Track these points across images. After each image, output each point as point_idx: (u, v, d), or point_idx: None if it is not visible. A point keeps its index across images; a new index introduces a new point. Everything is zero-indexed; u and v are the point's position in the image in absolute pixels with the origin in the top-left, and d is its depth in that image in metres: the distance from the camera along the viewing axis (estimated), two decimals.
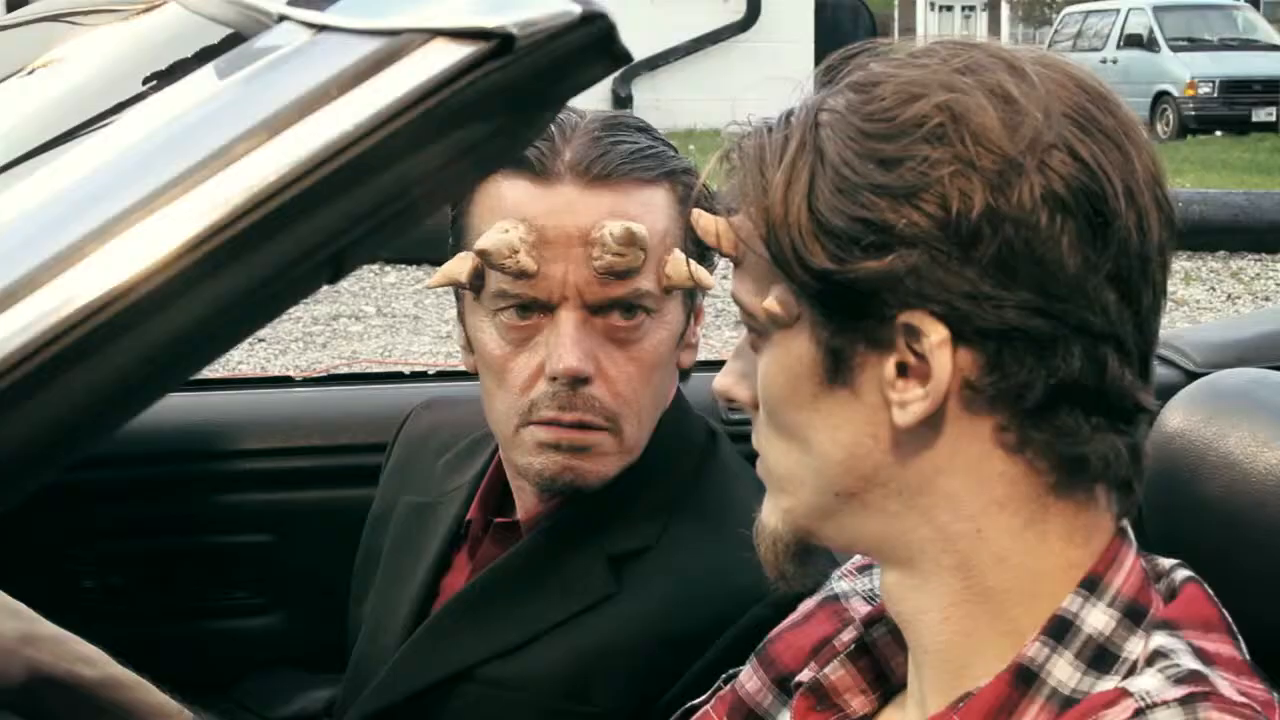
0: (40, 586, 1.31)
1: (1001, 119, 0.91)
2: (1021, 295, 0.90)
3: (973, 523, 0.95)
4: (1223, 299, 8.44)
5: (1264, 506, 1.19)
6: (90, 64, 1.30)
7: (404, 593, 1.57)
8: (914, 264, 0.90)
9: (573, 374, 1.37)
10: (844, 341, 0.94)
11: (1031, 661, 0.93)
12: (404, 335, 7.38)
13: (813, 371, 0.95)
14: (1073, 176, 0.91)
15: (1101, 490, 0.95)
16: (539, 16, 0.83)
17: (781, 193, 0.93)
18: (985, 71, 0.93)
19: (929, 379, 0.91)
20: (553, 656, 1.40)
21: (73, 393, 0.80)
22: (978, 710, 0.93)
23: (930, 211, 0.90)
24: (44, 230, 0.82)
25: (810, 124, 0.94)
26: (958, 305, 0.90)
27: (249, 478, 2.08)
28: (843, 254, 0.91)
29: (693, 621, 1.36)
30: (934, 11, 43.97)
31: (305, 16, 0.90)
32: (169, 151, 0.84)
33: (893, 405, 0.93)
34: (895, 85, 0.93)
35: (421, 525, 1.61)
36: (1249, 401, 1.28)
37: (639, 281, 1.38)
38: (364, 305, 7.94)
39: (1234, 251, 9.50)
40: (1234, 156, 14.89)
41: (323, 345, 7.12)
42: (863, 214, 0.91)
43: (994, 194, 0.89)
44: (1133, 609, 0.94)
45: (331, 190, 0.82)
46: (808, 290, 0.94)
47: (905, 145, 0.91)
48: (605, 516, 1.44)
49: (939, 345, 0.90)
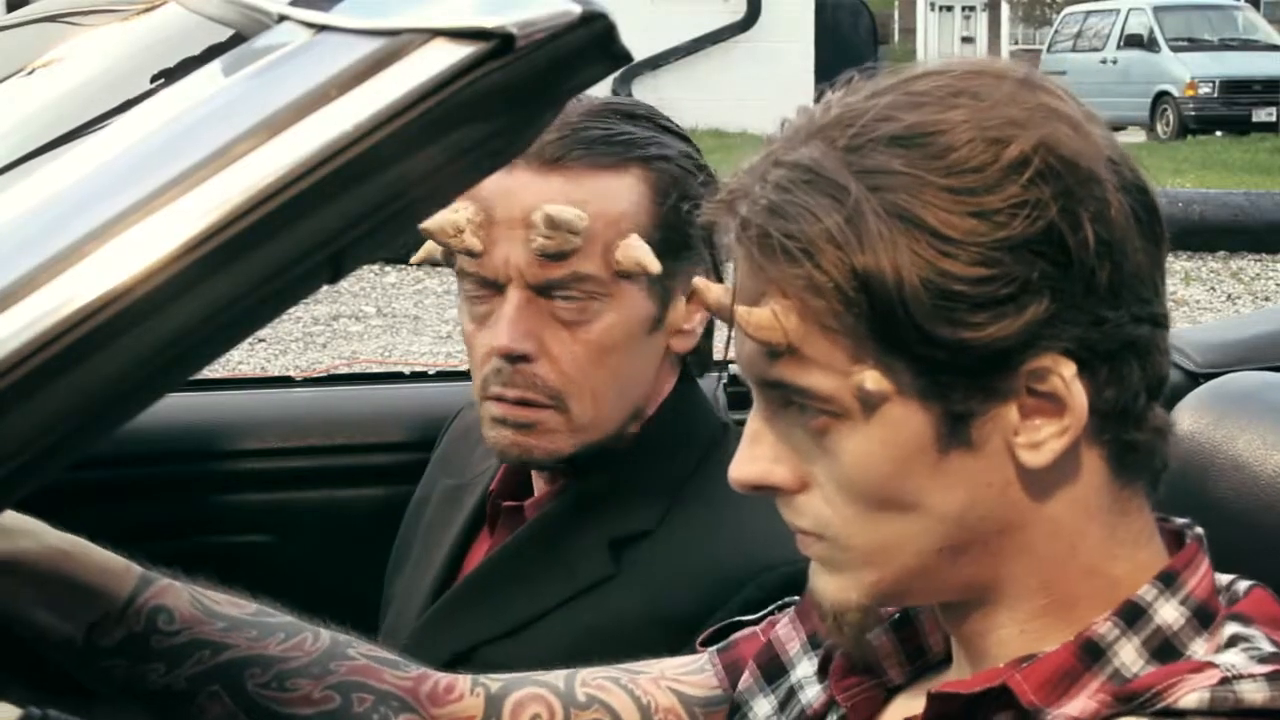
0: None
1: (1080, 142, 0.90)
2: (1130, 309, 0.91)
3: (1068, 542, 0.94)
4: (1223, 299, 8.44)
5: (1273, 509, 1.19)
6: (90, 64, 1.30)
7: (429, 571, 1.60)
8: (1048, 311, 0.88)
9: (505, 351, 1.43)
10: (966, 404, 0.90)
11: (1101, 639, 0.93)
12: (404, 335, 7.38)
13: (928, 442, 0.91)
14: (1130, 182, 0.92)
15: (1143, 489, 0.96)
16: (539, 16, 0.83)
17: (882, 268, 0.87)
18: (1032, 93, 0.91)
19: (1063, 414, 0.90)
20: (550, 637, 1.42)
21: (73, 393, 0.80)
22: (1040, 673, 0.92)
23: (1053, 256, 0.88)
24: (44, 230, 0.82)
25: (863, 191, 0.88)
26: (1084, 336, 0.89)
27: (249, 478, 2.08)
28: (974, 319, 0.88)
29: (685, 603, 1.38)
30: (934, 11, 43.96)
31: (305, 16, 0.89)
32: (169, 151, 0.84)
33: (1019, 450, 0.91)
34: (965, 133, 0.89)
35: (453, 506, 1.64)
36: (1258, 404, 1.28)
37: (576, 264, 1.40)
38: (364, 305, 7.94)
39: (1234, 251, 9.51)
40: (1234, 156, 14.89)
41: (323, 345, 7.12)
42: (986, 273, 0.87)
43: (1096, 223, 0.89)
44: (1202, 611, 0.94)
45: (331, 190, 0.82)
46: (929, 363, 0.89)
47: (1008, 192, 0.88)
48: (607, 501, 1.46)
49: (1072, 379, 0.89)
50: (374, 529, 2.06)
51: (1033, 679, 0.92)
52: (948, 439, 0.91)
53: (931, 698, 0.96)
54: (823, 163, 0.90)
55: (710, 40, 14.67)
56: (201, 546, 2.08)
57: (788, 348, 0.91)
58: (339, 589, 2.02)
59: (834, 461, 0.93)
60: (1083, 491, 0.93)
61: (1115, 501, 0.95)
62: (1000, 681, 0.93)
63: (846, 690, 1.05)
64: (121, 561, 1.22)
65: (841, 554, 0.95)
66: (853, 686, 1.05)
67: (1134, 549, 0.96)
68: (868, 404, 0.91)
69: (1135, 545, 0.96)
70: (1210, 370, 1.54)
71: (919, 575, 0.95)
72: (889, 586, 0.96)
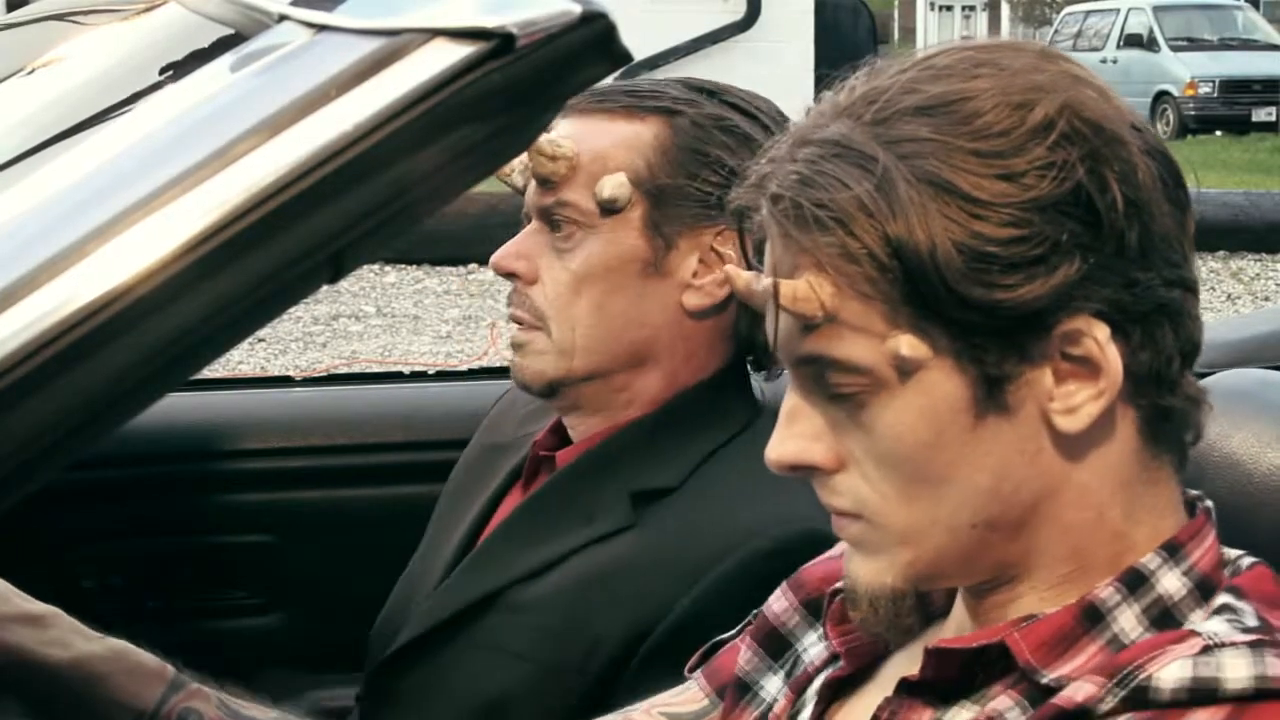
0: (40, 586, 1.31)
1: (1104, 106, 0.91)
2: (1161, 272, 0.91)
3: (1096, 510, 0.94)
4: (1223, 299, 8.44)
5: (1268, 506, 1.19)
6: (91, 64, 1.30)
7: (463, 518, 1.65)
8: (1079, 271, 0.89)
9: (495, 267, 1.55)
10: (1000, 367, 0.90)
11: (1103, 604, 0.93)
12: (404, 335, 7.38)
13: (964, 407, 0.91)
14: (1155, 148, 0.93)
15: (1172, 461, 0.97)
16: (539, 16, 0.83)
17: (915, 234, 0.88)
18: (1053, 62, 0.93)
19: (1098, 378, 0.90)
20: (563, 582, 1.46)
21: (73, 393, 0.80)
22: (1039, 633, 0.93)
23: (1081, 216, 0.89)
24: (44, 230, 0.82)
25: (892, 159, 0.89)
26: (1116, 298, 0.90)
27: (249, 478, 2.08)
28: (1007, 280, 0.88)
29: (693, 553, 1.41)
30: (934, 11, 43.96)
31: (305, 16, 0.90)
32: (169, 151, 0.84)
33: (1054, 415, 0.91)
34: (990, 99, 0.90)
35: (492, 462, 1.70)
36: (1253, 402, 1.28)
37: (562, 193, 1.50)
38: (364, 305, 7.94)
39: (1234, 251, 9.50)
40: (1234, 156, 14.89)
41: (323, 345, 7.12)
42: (1017, 233, 0.88)
43: (1124, 184, 0.90)
44: (1204, 583, 0.94)
45: (331, 190, 0.82)
46: (964, 327, 0.89)
47: (1035, 154, 0.89)
48: (634, 457, 1.51)
49: (1106, 342, 0.90)
50: (374, 529, 2.06)
51: (1031, 639, 0.92)
52: (984, 403, 0.91)
53: (929, 653, 0.96)
54: (851, 136, 0.91)
55: (710, 40, 14.64)
56: (201, 546, 2.08)
57: (824, 318, 0.92)
58: (339, 589, 2.03)
59: (871, 435, 0.93)
60: (1114, 460, 0.94)
61: (1144, 470, 0.95)
62: (999, 639, 0.93)
63: (843, 636, 1.05)
64: (156, 663, 1.26)
65: (877, 534, 0.95)
66: (850, 632, 1.05)
67: (1158, 519, 0.96)
68: (904, 370, 0.91)
69: (1160, 514, 0.96)
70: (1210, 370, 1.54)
71: (952, 554, 0.95)
72: (924, 567, 0.95)
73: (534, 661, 1.43)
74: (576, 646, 1.42)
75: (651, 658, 1.38)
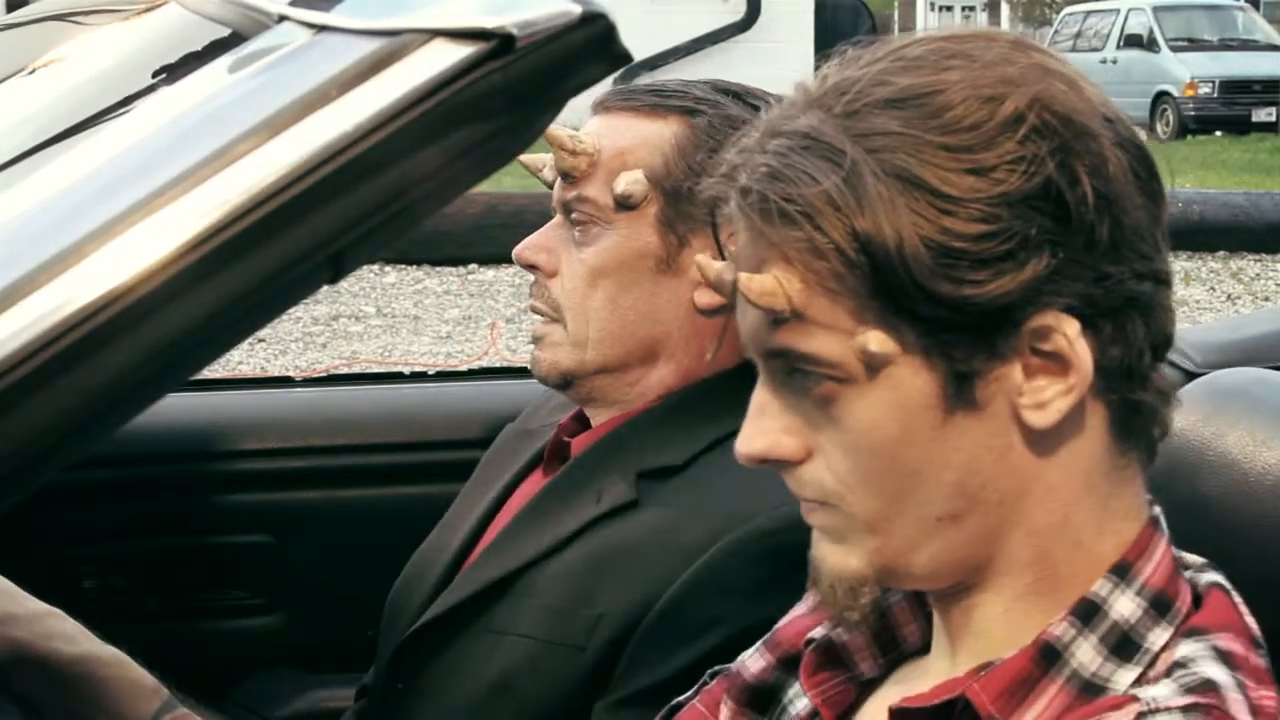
0: (40, 586, 1.31)
1: (1074, 98, 0.90)
2: (1132, 265, 0.90)
3: (1062, 512, 0.93)
4: (1223, 299, 8.44)
5: (1263, 505, 1.19)
6: (91, 64, 1.30)
7: (482, 499, 1.68)
8: (1049, 266, 0.88)
9: (517, 258, 1.57)
10: (969, 363, 0.89)
11: (1058, 640, 0.92)
12: (404, 335, 7.38)
13: (932, 403, 0.90)
14: (1127, 140, 0.92)
15: (1139, 459, 0.96)
16: (539, 17, 0.83)
17: (883, 229, 0.87)
18: (1025, 54, 0.92)
19: (1068, 373, 0.90)
20: (570, 561, 1.48)
21: (73, 393, 0.80)
22: (999, 681, 0.92)
23: (1051, 211, 0.88)
24: (44, 230, 0.82)
25: (860, 153, 0.88)
26: (1087, 293, 0.89)
27: (249, 478, 2.08)
28: (976, 276, 0.87)
29: (694, 531, 1.42)
30: (934, 11, 43.94)
31: (305, 16, 0.90)
32: (169, 151, 0.84)
33: (1024, 410, 0.90)
34: (960, 92, 0.89)
35: (517, 447, 1.73)
36: (1248, 401, 1.28)
37: (581, 188, 1.52)
38: (364, 305, 7.94)
39: (1234, 251, 9.50)
40: (1234, 156, 14.89)
41: (323, 345, 7.12)
42: (986, 229, 0.87)
43: (1095, 178, 0.89)
44: (1160, 600, 0.94)
45: (331, 190, 0.82)
46: (932, 323, 0.89)
47: (1005, 149, 0.88)
48: (643, 439, 1.53)
49: (1076, 337, 0.89)
50: (374, 529, 2.06)
51: (991, 688, 0.92)
52: (953, 399, 0.90)
53: (893, 714, 0.96)
54: (820, 129, 0.91)
55: (710, 40, 14.65)
56: (202, 546, 2.08)
57: (791, 313, 0.91)
58: (339, 589, 2.03)
59: (840, 428, 0.93)
60: (1083, 456, 0.93)
61: (1113, 469, 0.94)
62: (959, 693, 0.93)
63: (818, 686, 1.05)
64: (151, 682, 1.25)
65: (844, 521, 0.95)
66: (824, 682, 1.05)
67: (1123, 522, 0.95)
68: (872, 366, 0.90)
69: (1125, 519, 0.95)
70: (1209, 370, 1.54)
71: (919, 546, 0.94)
72: (890, 556, 0.95)
73: (538, 639, 1.45)
74: (580, 623, 1.44)
75: (649, 634, 1.39)
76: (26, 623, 1.22)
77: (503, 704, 1.45)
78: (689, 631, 1.37)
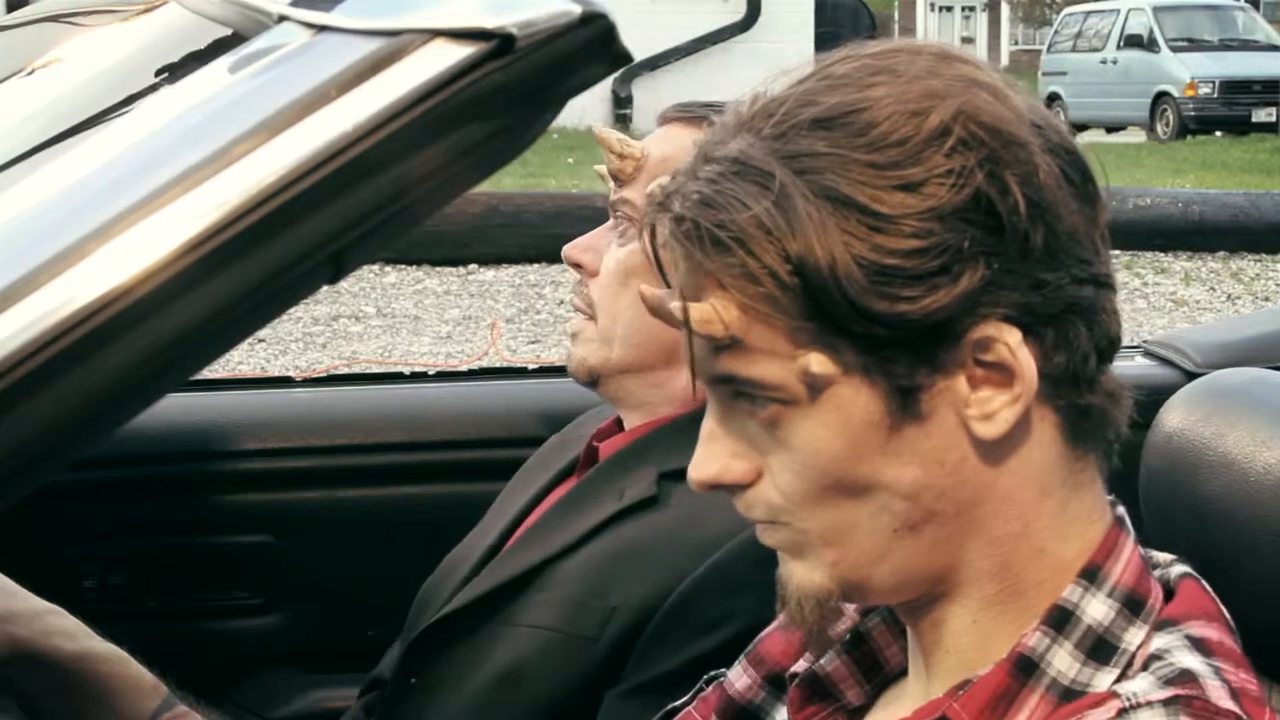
0: (40, 586, 1.31)
1: (1000, 108, 0.90)
2: (1070, 271, 0.90)
3: (1021, 521, 0.94)
4: (1223, 299, 8.44)
5: (1263, 505, 1.18)
6: (90, 64, 1.30)
7: (516, 502, 1.71)
8: (984, 278, 0.88)
9: (564, 257, 1.63)
10: (912, 378, 0.89)
11: (1032, 651, 0.92)
12: (404, 335, 7.38)
13: (877, 419, 0.91)
14: (1058, 145, 0.91)
15: (1096, 461, 0.96)
16: (539, 17, 0.83)
17: (815, 251, 0.87)
18: (950, 65, 0.92)
19: (1012, 383, 0.90)
20: (590, 555, 1.51)
21: (73, 393, 0.80)
22: (978, 699, 0.92)
23: (983, 222, 0.88)
24: (44, 230, 0.82)
25: (789, 176, 0.88)
26: (1025, 301, 0.89)
27: (249, 478, 2.08)
28: (911, 292, 0.87)
29: (706, 530, 1.44)
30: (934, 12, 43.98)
31: (305, 17, 0.90)
32: (169, 151, 0.84)
33: (972, 422, 0.90)
34: (886, 109, 0.89)
35: (555, 452, 1.77)
36: (1248, 401, 1.28)
37: (625, 190, 1.57)
38: (364, 305, 7.94)
39: (1234, 251, 9.50)
40: (1234, 156, 14.89)
41: (323, 345, 7.12)
42: (918, 244, 0.87)
43: (1025, 186, 0.89)
44: (1131, 599, 0.94)
45: (331, 190, 0.82)
46: (870, 340, 0.89)
47: (932, 163, 0.88)
48: (666, 444, 1.55)
49: (1018, 347, 0.89)
50: (374, 529, 2.06)
51: (971, 707, 0.92)
52: (898, 414, 0.90)
53: None
54: (749, 153, 0.90)
55: (710, 41, 14.67)
56: (201, 546, 2.08)
57: (731, 340, 0.91)
58: (339, 589, 2.03)
59: (788, 449, 0.93)
60: (1037, 463, 0.93)
61: (1070, 474, 0.94)
62: (940, 713, 0.93)
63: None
64: (151, 679, 1.26)
65: (799, 536, 0.95)
66: (813, 716, 1.05)
67: (1085, 526, 0.95)
68: (815, 387, 0.90)
69: (1087, 522, 0.95)
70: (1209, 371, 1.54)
71: (879, 559, 0.94)
72: (849, 570, 0.95)
73: (552, 631, 1.47)
74: (594, 615, 1.45)
75: (661, 627, 1.40)
76: (26, 620, 1.22)
77: (513, 694, 1.47)
78: (700, 626, 1.38)
